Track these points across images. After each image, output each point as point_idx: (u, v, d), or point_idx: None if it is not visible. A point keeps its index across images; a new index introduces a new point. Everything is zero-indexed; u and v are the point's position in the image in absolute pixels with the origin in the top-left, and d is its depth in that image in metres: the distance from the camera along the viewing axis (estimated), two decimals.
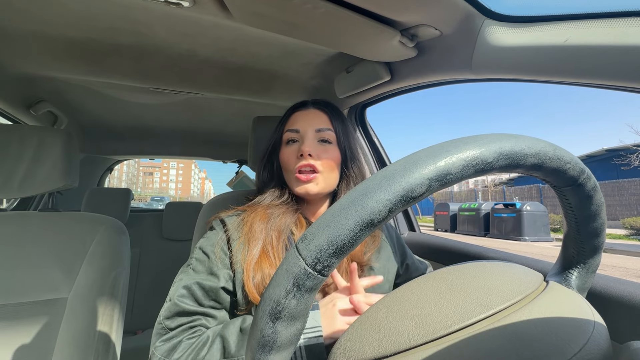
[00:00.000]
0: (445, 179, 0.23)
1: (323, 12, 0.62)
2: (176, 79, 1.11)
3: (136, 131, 1.82)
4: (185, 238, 1.88)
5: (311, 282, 0.23)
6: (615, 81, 0.47)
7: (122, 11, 0.75)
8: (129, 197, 1.89)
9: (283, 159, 0.65)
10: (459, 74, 0.73)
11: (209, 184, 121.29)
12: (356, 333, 0.30)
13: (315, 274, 0.23)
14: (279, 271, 0.24)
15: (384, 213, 0.23)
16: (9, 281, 0.74)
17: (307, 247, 0.23)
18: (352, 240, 0.23)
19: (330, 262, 0.23)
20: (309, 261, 0.23)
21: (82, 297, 0.77)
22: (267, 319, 0.24)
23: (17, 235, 0.79)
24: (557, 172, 0.28)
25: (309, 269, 0.23)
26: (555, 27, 0.50)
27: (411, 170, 0.23)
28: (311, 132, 0.63)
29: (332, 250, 0.23)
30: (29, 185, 0.81)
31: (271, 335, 0.24)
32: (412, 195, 0.23)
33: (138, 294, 1.76)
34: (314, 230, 0.24)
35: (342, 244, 0.23)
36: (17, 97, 1.15)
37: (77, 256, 0.80)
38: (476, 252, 0.87)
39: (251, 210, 0.64)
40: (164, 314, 0.53)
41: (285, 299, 0.23)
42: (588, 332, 0.25)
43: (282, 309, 0.24)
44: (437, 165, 0.23)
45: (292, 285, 0.23)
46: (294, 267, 0.23)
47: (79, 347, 0.73)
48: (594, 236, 0.33)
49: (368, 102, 1.14)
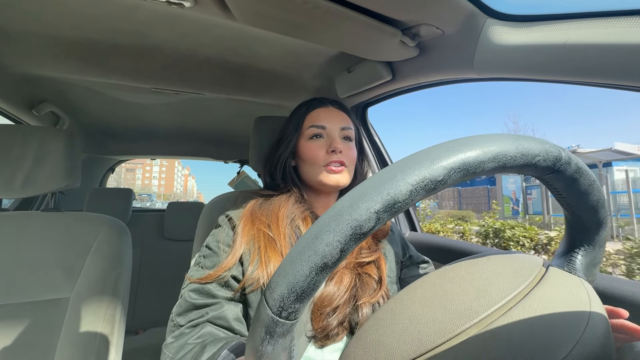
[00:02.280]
0: (394, 208, 0.23)
1: (324, 12, 0.62)
2: (177, 79, 1.11)
3: (137, 131, 1.82)
4: (186, 238, 1.88)
5: (281, 329, 0.24)
6: (617, 80, 0.47)
7: (123, 11, 0.76)
8: (131, 197, 1.89)
9: (307, 152, 0.67)
10: (461, 73, 0.73)
11: (192, 180, 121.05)
12: (354, 348, 0.31)
13: (283, 320, 0.24)
14: (253, 321, 0.26)
15: (336, 254, 0.23)
16: (11, 281, 0.74)
17: (272, 295, 0.24)
18: (310, 285, 0.23)
19: (294, 309, 0.24)
20: (275, 310, 0.24)
21: (84, 297, 0.77)
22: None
23: (19, 235, 0.79)
24: (527, 166, 0.27)
25: (275, 317, 0.24)
26: (558, 26, 0.50)
27: (357, 205, 0.23)
28: (337, 130, 0.68)
29: (294, 298, 0.23)
30: (32, 185, 0.81)
31: None
32: (362, 231, 0.23)
33: (140, 293, 1.76)
34: (276, 279, 0.24)
35: (302, 290, 0.23)
36: (20, 97, 1.15)
37: (79, 256, 0.80)
38: (477, 251, 0.86)
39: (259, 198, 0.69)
40: (175, 310, 0.56)
41: (261, 346, 0.25)
42: (581, 327, 0.24)
43: (262, 356, 0.25)
44: (382, 196, 0.23)
45: (265, 333, 0.24)
46: (263, 316, 0.24)
47: (81, 347, 0.73)
48: (593, 212, 0.32)
49: (369, 102, 1.14)
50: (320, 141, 0.67)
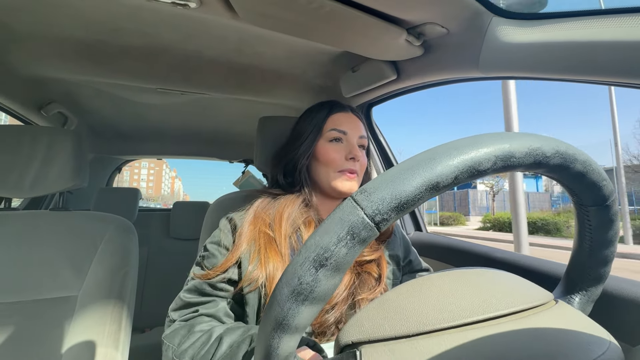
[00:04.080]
0: (509, 162, 0.24)
1: (328, 12, 0.62)
2: (182, 79, 1.12)
3: (143, 131, 1.84)
4: (192, 237, 1.89)
5: (366, 233, 0.23)
6: (625, 78, 0.46)
7: (130, 12, 0.76)
8: (137, 197, 1.91)
9: (326, 154, 0.67)
10: (467, 72, 0.72)
11: (179, 182, 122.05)
12: (373, 312, 0.30)
13: (373, 225, 0.23)
14: (331, 219, 0.24)
15: (451, 179, 0.23)
16: (21, 279, 0.76)
17: (368, 198, 0.23)
18: (415, 198, 0.23)
19: (389, 216, 0.23)
20: (369, 211, 0.23)
21: (91, 295, 0.78)
22: (309, 266, 0.23)
23: (29, 234, 0.80)
24: (594, 186, 0.28)
25: (367, 219, 0.23)
26: (564, 24, 0.49)
27: (480, 145, 0.24)
28: (356, 137, 0.70)
29: (395, 204, 0.23)
30: (41, 185, 0.82)
31: (310, 283, 0.23)
32: (479, 168, 0.24)
33: (146, 292, 1.78)
34: (375, 184, 0.24)
35: (406, 200, 0.23)
36: (29, 98, 1.17)
37: (87, 254, 0.81)
38: (483, 252, 0.86)
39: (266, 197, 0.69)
40: (171, 306, 0.60)
41: (335, 246, 0.23)
42: (606, 343, 0.25)
43: (330, 257, 0.23)
44: (503, 146, 0.24)
45: (347, 233, 0.23)
46: (350, 215, 0.23)
47: (89, 345, 0.74)
48: (602, 264, 0.33)
49: (374, 101, 1.13)
50: (340, 145, 0.68)
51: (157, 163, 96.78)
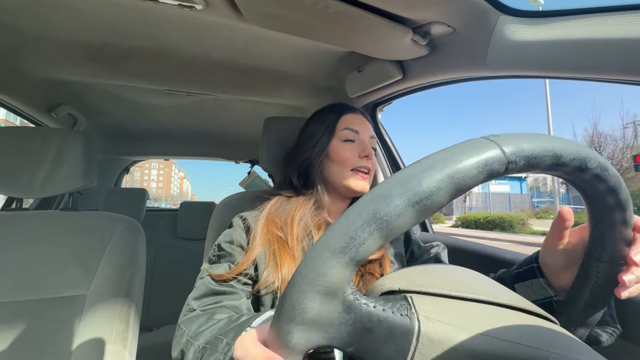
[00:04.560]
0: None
1: (334, 12, 0.62)
2: (189, 80, 1.13)
3: (151, 132, 1.86)
4: (199, 237, 1.91)
5: (497, 167, 0.24)
6: (636, 76, 0.45)
7: (137, 15, 0.77)
8: (145, 197, 1.93)
9: (340, 153, 0.68)
10: (474, 71, 0.71)
11: (187, 182, 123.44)
12: (422, 271, 0.31)
13: (505, 162, 0.24)
14: (464, 145, 0.25)
15: (569, 161, 0.26)
16: (32, 277, 0.77)
17: (505, 140, 0.25)
18: (541, 160, 0.25)
19: (519, 163, 0.25)
20: (508, 153, 0.24)
21: (100, 294, 0.79)
22: (439, 176, 0.23)
23: (39, 234, 0.82)
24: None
25: (504, 157, 0.24)
26: (573, 22, 0.49)
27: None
28: (367, 138, 0.71)
29: (527, 155, 0.25)
30: (51, 186, 0.84)
31: (433, 191, 0.23)
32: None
33: (153, 291, 1.80)
34: (512, 135, 0.26)
35: (535, 158, 0.25)
36: (40, 100, 1.19)
37: (96, 254, 0.82)
38: (491, 252, 0.85)
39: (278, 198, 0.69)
40: (192, 294, 0.56)
41: (476, 173, 0.24)
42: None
43: (465, 182, 0.24)
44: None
45: (484, 165, 0.24)
46: (490, 152, 0.24)
47: (97, 343, 0.75)
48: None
49: (380, 101, 1.13)
50: (353, 145, 0.69)
51: (167, 164, 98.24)
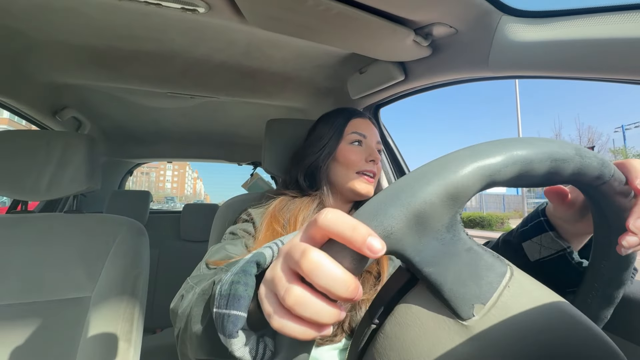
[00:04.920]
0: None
1: (336, 14, 0.62)
2: (192, 83, 1.14)
3: (155, 135, 1.87)
4: (202, 239, 1.91)
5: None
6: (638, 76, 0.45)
7: (140, 19, 0.78)
8: (148, 200, 1.94)
9: (347, 155, 0.70)
10: (476, 72, 0.71)
11: (200, 183, 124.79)
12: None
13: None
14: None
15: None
16: (37, 280, 0.78)
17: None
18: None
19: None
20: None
21: (104, 296, 0.79)
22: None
23: (44, 236, 0.83)
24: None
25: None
26: (575, 21, 0.48)
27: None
28: (374, 142, 0.74)
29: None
30: (56, 188, 0.84)
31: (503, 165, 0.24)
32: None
33: (157, 293, 1.80)
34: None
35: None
36: (45, 104, 1.20)
37: (100, 256, 0.83)
38: None
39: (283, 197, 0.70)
40: (191, 275, 0.54)
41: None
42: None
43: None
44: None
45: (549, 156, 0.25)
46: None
47: (102, 345, 0.75)
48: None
49: (382, 103, 1.13)
50: (360, 148, 0.71)
51: (181, 165, 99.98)
